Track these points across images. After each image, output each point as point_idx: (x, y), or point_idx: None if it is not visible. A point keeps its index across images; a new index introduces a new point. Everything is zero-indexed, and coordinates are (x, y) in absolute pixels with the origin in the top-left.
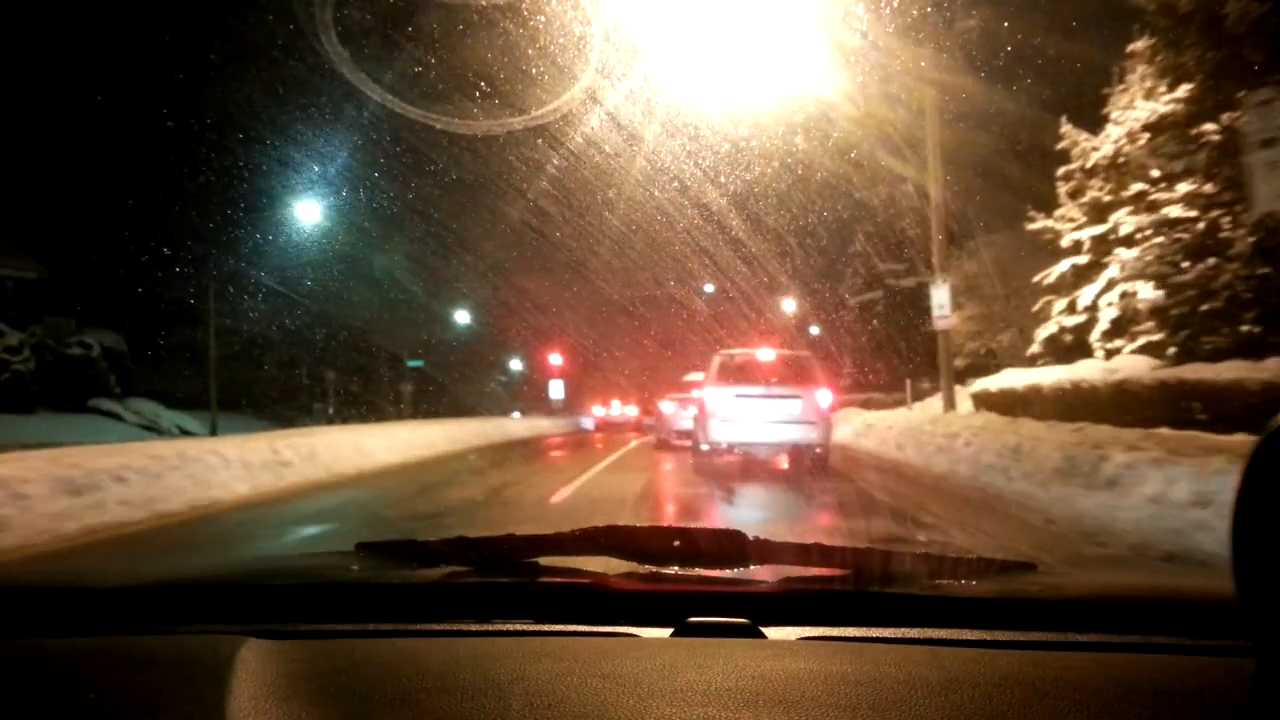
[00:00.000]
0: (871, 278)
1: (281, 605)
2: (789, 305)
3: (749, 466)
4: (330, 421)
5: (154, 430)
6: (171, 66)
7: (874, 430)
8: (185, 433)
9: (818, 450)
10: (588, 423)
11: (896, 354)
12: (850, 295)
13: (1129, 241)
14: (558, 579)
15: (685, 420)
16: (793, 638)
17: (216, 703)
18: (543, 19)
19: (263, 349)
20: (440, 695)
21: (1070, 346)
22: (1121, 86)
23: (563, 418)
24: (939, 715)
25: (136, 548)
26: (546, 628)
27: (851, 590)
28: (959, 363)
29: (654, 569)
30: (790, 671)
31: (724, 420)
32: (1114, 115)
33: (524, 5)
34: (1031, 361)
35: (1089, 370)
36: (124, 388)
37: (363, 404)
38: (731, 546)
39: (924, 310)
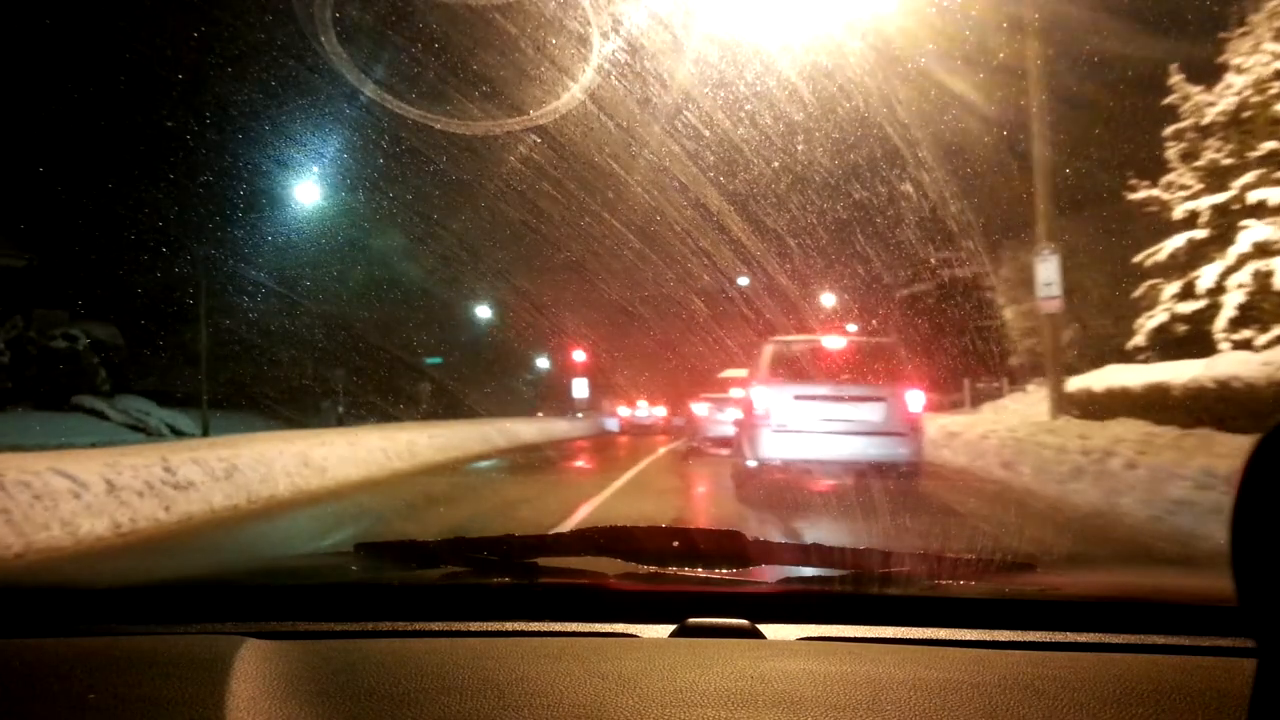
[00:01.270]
0: (920, 267)
1: (281, 605)
2: (828, 300)
3: (809, 490)
4: (340, 422)
5: (141, 430)
6: (178, 64)
7: (960, 440)
8: (177, 432)
9: (903, 470)
10: (612, 424)
11: (950, 351)
12: (897, 287)
13: (1260, 210)
14: (557, 579)
15: (722, 425)
16: (792, 638)
17: (216, 703)
18: (549, 10)
19: (274, 346)
20: (440, 695)
21: (1184, 338)
22: (1242, 30)
23: (585, 419)
24: (938, 715)
25: None
26: (546, 628)
27: (850, 591)
28: (1012, 361)
29: (653, 569)
30: (789, 672)
31: (780, 430)
32: (1235, 62)
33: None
34: (1130, 356)
35: (1239, 365)
36: (118, 384)
37: (377, 403)
38: (731, 546)
39: (981, 302)
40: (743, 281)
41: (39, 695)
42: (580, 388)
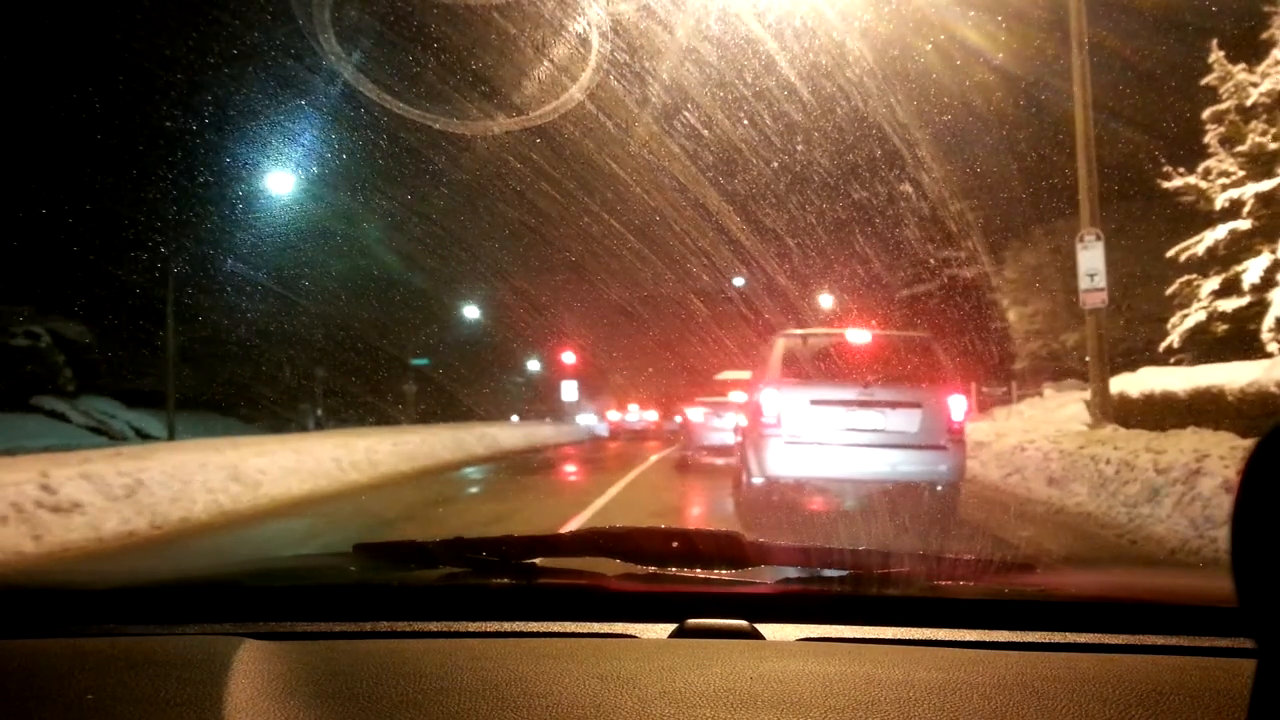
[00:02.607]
0: (921, 268)
1: (280, 606)
2: (826, 300)
3: (825, 515)
4: (319, 425)
5: (104, 433)
6: (156, 56)
7: (989, 450)
8: (142, 435)
9: (940, 489)
10: (601, 429)
11: (953, 354)
12: (897, 288)
13: None
14: (556, 580)
15: (719, 432)
16: (791, 639)
17: (214, 704)
18: (546, 14)
19: (252, 347)
20: (439, 696)
21: (1223, 339)
22: None
23: (573, 423)
24: (937, 716)
25: None
26: (545, 628)
27: (849, 591)
28: (1016, 365)
29: (652, 570)
30: (788, 673)
31: (793, 441)
32: None
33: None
34: (1143, 361)
35: None
36: (85, 384)
37: (360, 405)
38: (730, 547)
39: (987, 304)
40: (738, 282)
41: (37, 696)
42: (569, 390)
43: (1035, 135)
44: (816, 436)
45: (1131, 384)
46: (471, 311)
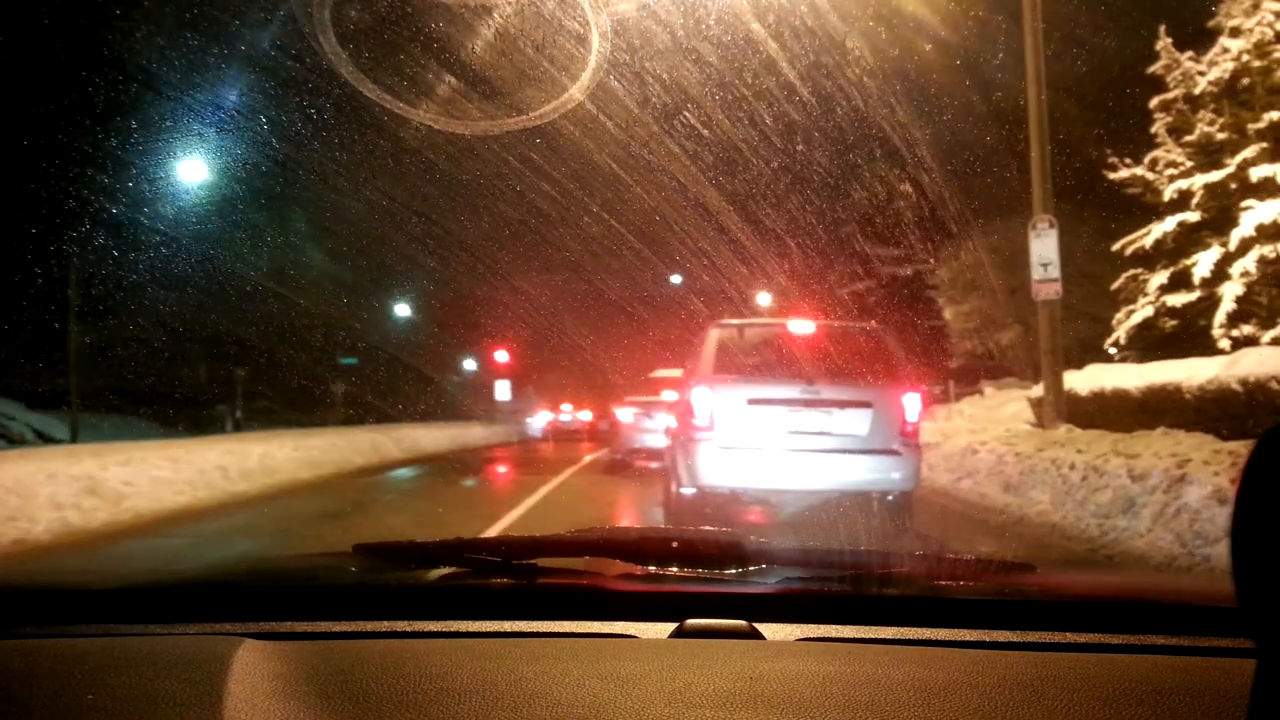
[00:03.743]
0: (863, 266)
1: (280, 606)
2: (764, 298)
3: (763, 529)
4: (238, 427)
5: (3, 436)
6: (91, 46)
7: (938, 453)
8: (44, 438)
9: (890, 499)
10: (534, 429)
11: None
12: (836, 286)
13: (1264, 188)
14: (556, 580)
15: (650, 434)
16: (791, 639)
17: (214, 704)
18: (514, 21)
19: (167, 346)
20: (438, 697)
21: (1170, 336)
22: None
23: (505, 424)
24: (937, 716)
25: None
26: (545, 628)
27: (849, 591)
28: (951, 364)
29: (652, 570)
30: (788, 673)
31: (727, 446)
32: (1230, 25)
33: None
34: (1104, 357)
35: (1276, 362)
36: None
37: (285, 407)
38: (730, 548)
39: (924, 302)
40: (675, 279)
41: (37, 695)
42: (502, 390)
43: (974, 131)
44: (754, 441)
45: (1079, 381)
46: (404, 310)
